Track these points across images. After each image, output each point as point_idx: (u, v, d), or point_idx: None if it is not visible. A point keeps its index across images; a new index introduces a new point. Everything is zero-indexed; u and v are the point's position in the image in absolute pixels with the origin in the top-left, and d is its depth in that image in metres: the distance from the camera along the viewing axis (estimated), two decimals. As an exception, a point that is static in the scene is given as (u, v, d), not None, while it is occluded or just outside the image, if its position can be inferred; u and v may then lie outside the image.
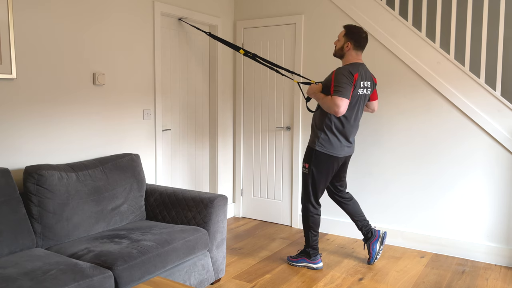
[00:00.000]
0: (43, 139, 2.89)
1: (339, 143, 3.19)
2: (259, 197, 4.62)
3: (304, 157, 3.32)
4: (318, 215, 3.32)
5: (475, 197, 3.54)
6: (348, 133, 3.20)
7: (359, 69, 3.10)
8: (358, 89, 3.11)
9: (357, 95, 3.12)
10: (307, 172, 3.27)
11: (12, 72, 2.66)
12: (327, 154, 3.19)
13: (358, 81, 3.07)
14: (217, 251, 3.01)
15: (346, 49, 3.14)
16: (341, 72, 3.05)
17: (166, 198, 3.13)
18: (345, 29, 3.18)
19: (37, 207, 2.55)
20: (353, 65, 3.11)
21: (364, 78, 3.14)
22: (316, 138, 3.21)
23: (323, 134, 3.18)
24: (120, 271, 2.28)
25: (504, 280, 3.19)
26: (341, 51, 3.18)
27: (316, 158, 3.21)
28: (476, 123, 3.47)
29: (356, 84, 3.07)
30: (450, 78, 3.54)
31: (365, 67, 3.19)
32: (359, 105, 3.19)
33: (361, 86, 3.12)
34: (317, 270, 3.32)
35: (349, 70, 3.05)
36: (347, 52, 3.15)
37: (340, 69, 3.10)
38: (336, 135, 3.17)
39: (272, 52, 4.38)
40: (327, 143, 3.18)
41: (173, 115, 4.03)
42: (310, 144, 3.27)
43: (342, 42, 3.16)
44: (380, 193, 3.91)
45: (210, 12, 4.27)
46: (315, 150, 3.20)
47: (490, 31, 3.44)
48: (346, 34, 3.16)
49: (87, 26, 3.11)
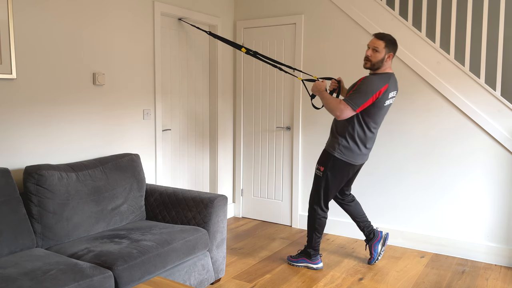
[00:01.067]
0: (43, 139, 2.89)
1: (358, 151, 3.13)
2: (259, 197, 4.62)
3: (319, 160, 3.25)
4: (325, 218, 3.30)
5: (475, 197, 3.54)
6: (368, 142, 3.14)
7: (390, 80, 3.02)
8: (385, 101, 3.03)
9: (383, 107, 3.05)
10: (321, 175, 3.21)
11: (12, 72, 2.66)
12: (345, 161, 3.13)
13: (386, 93, 2.99)
14: (217, 251, 3.01)
15: (388, 60, 3.03)
16: (369, 83, 2.97)
17: (166, 198, 3.13)
18: (384, 41, 3.01)
19: (37, 207, 2.55)
20: (385, 75, 3.02)
21: (392, 89, 3.05)
22: (336, 144, 3.14)
23: (344, 141, 3.11)
24: (120, 271, 2.28)
25: (504, 280, 3.19)
26: (381, 63, 3.02)
27: (334, 164, 3.15)
28: (476, 123, 3.47)
29: (383, 96, 2.98)
30: (450, 78, 3.54)
31: (395, 77, 3.10)
32: (383, 116, 3.13)
33: (389, 97, 3.04)
34: (317, 270, 3.32)
35: (380, 81, 2.96)
36: (386, 63, 3.04)
37: (370, 79, 3.00)
38: (357, 143, 3.10)
39: (272, 52, 4.38)
40: (347, 150, 3.11)
41: (173, 115, 4.03)
42: (328, 148, 3.20)
43: (383, 54, 3.00)
44: (380, 193, 3.91)
45: (210, 12, 4.27)
46: (334, 156, 3.14)
47: (490, 31, 3.44)
48: (387, 45, 3.00)
49: (87, 26, 3.11)
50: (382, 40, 3.02)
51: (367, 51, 3.06)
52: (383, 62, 3.03)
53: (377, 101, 2.99)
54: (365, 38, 3.85)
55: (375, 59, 3.02)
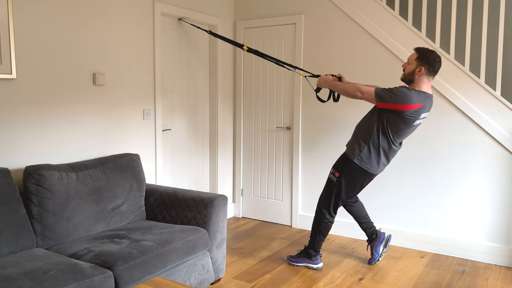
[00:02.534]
0: (43, 139, 2.89)
1: (379, 161, 3.06)
2: (259, 197, 4.62)
3: (336, 164, 3.20)
4: (331, 223, 3.28)
5: (475, 197, 3.54)
6: (391, 155, 3.09)
7: (427, 100, 2.89)
8: (415, 120, 2.93)
9: (412, 125, 2.96)
10: (335, 181, 3.15)
11: (12, 72, 2.66)
12: (363, 169, 3.06)
13: (418, 112, 2.88)
14: (217, 251, 3.01)
15: (419, 74, 2.89)
16: (406, 92, 2.84)
17: (166, 198, 3.13)
18: (418, 53, 2.93)
19: (37, 207, 2.55)
20: (423, 94, 2.88)
21: (426, 110, 2.93)
22: (357, 150, 3.06)
23: (366, 149, 3.03)
24: (120, 271, 2.28)
25: (504, 280, 3.19)
26: (412, 76, 2.92)
27: (351, 171, 3.09)
28: (476, 123, 3.47)
29: (414, 115, 2.88)
30: (450, 78, 3.54)
31: (431, 100, 2.96)
32: (409, 134, 3.04)
33: (420, 117, 2.93)
34: (317, 270, 3.32)
35: (416, 98, 2.84)
36: (418, 78, 2.90)
37: (409, 90, 2.87)
38: (379, 153, 3.03)
39: (272, 52, 4.38)
40: (367, 158, 3.04)
41: (173, 115, 4.03)
42: (348, 153, 3.12)
43: (414, 66, 2.90)
44: (380, 193, 3.91)
45: (210, 12, 4.27)
46: (352, 162, 3.07)
47: (490, 31, 3.44)
48: (419, 58, 2.90)
49: (87, 26, 3.11)
50: (415, 52, 2.95)
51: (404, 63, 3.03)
52: (414, 76, 2.91)
53: (407, 116, 2.89)
54: (365, 38, 3.85)
55: (406, 71, 2.96)
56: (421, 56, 2.90)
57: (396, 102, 2.86)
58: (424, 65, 2.88)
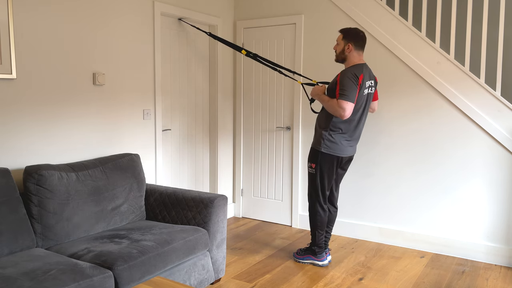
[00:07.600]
0: (43, 139, 2.89)
1: (344, 142, 3.20)
2: (259, 197, 4.62)
3: (309, 158, 3.33)
4: (325, 215, 3.35)
5: (475, 197, 3.54)
6: (352, 134, 3.22)
7: (363, 69, 3.12)
8: (363, 90, 3.12)
9: (363, 96, 3.14)
10: (314, 172, 3.29)
11: (12, 72, 2.66)
12: (332, 155, 3.20)
13: (363, 82, 3.10)
14: (217, 251, 3.01)
15: (348, 51, 3.15)
16: (346, 75, 3.06)
17: (166, 198, 3.13)
18: (342, 32, 3.20)
19: (37, 207, 2.55)
20: (357, 66, 3.12)
21: (368, 78, 3.16)
22: (321, 139, 3.21)
23: (328, 135, 3.18)
24: (120, 271, 2.28)
25: (504, 280, 3.19)
26: (343, 54, 3.18)
27: (322, 159, 3.23)
28: (476, 123, 3.47)
29: (362, 85, 3.08)
30: (450, 78, 3.54)
31: (368, 67, 3.21)
32: (366, 105, 3.21)
33: (366, 86, 3.14)
34: (317, 270, 3.32)
35: (354, 73, 3.06)
36: (349, 54, 3.15)
37: (345, 72, 3.10)
38: (341, 135, 3.18)
39: (272, 52, 4.38)
40: (332, 144, 3.19)
41: (173, 115, 4.03)
42: (314, 145, 3.28)
43: (342, 45, 3.17)
44: (381, 193, 3.91)
45: (210, 12, 4.27)
46: (321, 151, 3.21)
47: (490, 31, 3.44)
48: (344, 37, 3.17)
49: (87, 26, 3.11)
50: (340, 33, 3.22)
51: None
52: (345, 53, 3.16)
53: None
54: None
55: (337, 51, 3.22)
56: (346, 34, 3.18)
57: (355, 86, 3.04)
58: (351, 41, 3.14)
